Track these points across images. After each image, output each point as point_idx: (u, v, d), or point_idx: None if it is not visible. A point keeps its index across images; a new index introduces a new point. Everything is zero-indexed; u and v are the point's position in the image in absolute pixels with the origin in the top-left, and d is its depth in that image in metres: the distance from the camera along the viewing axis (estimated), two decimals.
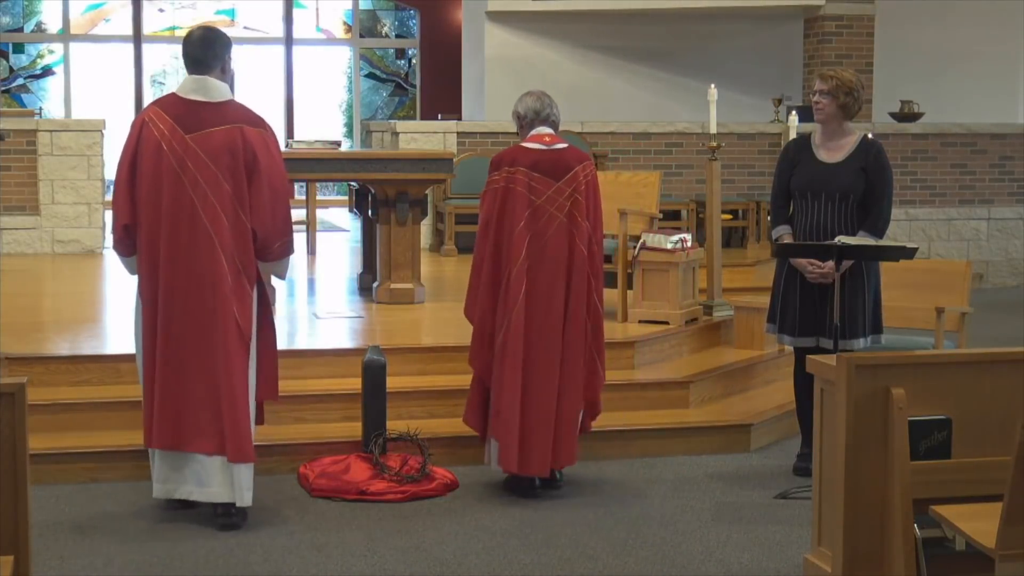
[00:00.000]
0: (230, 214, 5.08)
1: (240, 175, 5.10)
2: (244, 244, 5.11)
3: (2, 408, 3.62)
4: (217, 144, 5.08)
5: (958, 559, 4.07)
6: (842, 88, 5.91)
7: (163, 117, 5.12)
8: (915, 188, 12.33)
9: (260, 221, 5.13)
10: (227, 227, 5.07)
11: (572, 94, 13.23)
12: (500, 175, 5.66)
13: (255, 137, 5.15)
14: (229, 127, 5.11)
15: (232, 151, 5.09)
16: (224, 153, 5.08)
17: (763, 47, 13.99)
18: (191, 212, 5.05)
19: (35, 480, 4.52)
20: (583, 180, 5.66)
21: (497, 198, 5.64)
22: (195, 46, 5.22)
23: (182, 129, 5.08)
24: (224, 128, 5.11)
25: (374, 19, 18.17)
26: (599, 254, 5.76)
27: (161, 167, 5.07)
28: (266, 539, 5.08)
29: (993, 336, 8.69)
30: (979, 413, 4.21)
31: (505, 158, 5.71)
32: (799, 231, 6.01)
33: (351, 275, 9.64)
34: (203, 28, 5.40)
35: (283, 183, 5.22)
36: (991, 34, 14.08)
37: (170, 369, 5.10)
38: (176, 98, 5.19)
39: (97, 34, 17.37)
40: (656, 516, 5.44)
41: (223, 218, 5.07)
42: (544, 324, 5.56)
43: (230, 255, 5.08)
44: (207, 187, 5.06)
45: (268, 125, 5.28)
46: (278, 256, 5.24)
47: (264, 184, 5.12)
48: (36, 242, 11.02)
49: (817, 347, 5.80)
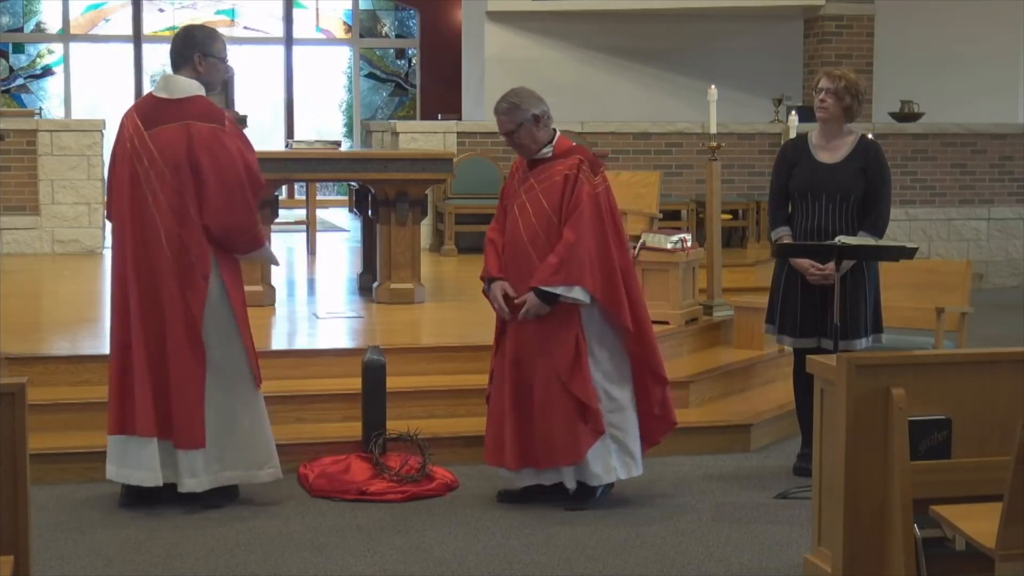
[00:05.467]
0: (176, 208, 5.16)
1: (184, 171, 5.16)
2: (193, 238, 5.17)
3: (2, 408, 3.62)
4: (165, 140, 5.19)
5: (958, 559, 4.07)
6: (849, 89, 5.91)
7: (132, 116, 5.31)
8: (915, 188, 12.33)
9: (211, 217, 5.19)
10: (173, 221, 5.16)
11: (572, 94, 13.24)
12: (603, 176, 5.47)
13: (202, 133, 5.19)
14: (179, 123, 5.20)
15: (176, 146, 5.17)
16: (169, 148, 5.17)
17: (763, 47, 14.00)
18: (144, 206, 5.19)
19: (35, 480, 4.51)
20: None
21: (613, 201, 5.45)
22: (171, 46, 5.41)
23: (144, 126, 5.24)
24: (175, 124, 5.20)
25: (374, 19, 18.17)
26: None
27: (126, 164, 5.26)
28: (266, 539, 5.08)
29: (993, 336, 8.69)
30: (979, 413, 4.21)
31: (596, 160, 5.53)
32: (799, 232, 6.00)
33: (351, 275, 9.64)
34: (182, 28, 5.55)
35: (237, 178, 5.22)
36: (991, 34, 14.08)
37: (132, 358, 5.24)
38: (149, 97, 5.39)
39: (97, 34, 17.37)
40: (656, 516, 5.44)
41: (168, 212, 5.16)
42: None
43: (176, 248, 5.16)
44: (156, 182, 5.18)
45: (229, 120, 5.30)
46: (248, 249, 5.34)
47: (211, 180, 5.17)
48: (36, 242, 11.02)
49: (818, 348, 5.79)
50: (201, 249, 5.18)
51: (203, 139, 5.17)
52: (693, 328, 7.65)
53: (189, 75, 5.31)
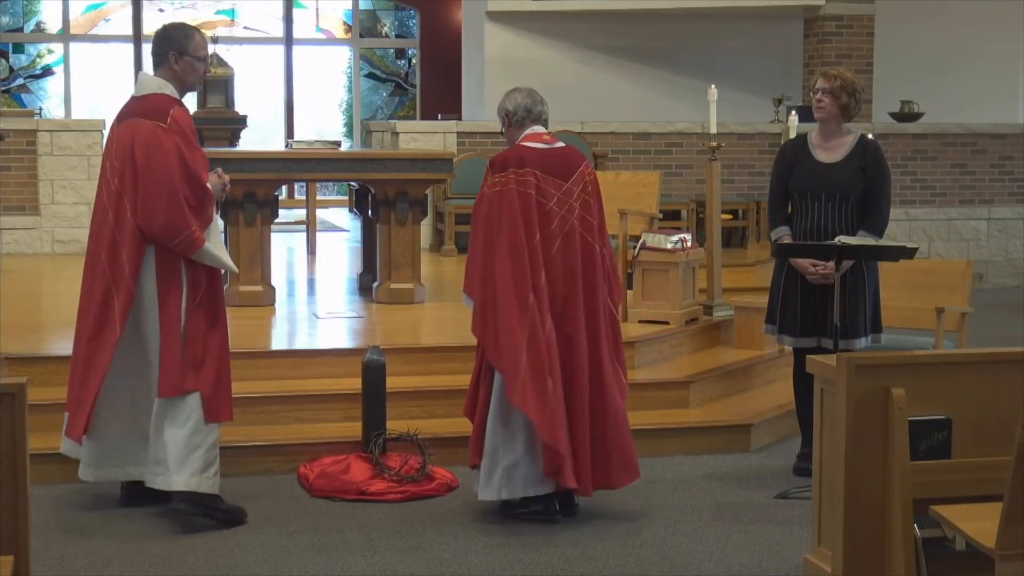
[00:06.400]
0: (114, 207, 5.09)
1: (128, 168, 5.08)
2: (125, 237, 5.06)
3: (2, 408, 3.62)
4: (118, 136, 5.15)
5: (958, 559, 4.07)
6: (845, 88, 5.91)
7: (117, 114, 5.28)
8: (915, 188, 12.33)
9: (140, 217, 5.05)
10: (111, 219, 5.08)
11: (572, 94, 13.24)
12: (507, 177, 5.20)
13: (143, 130, 5.07)
14: (129, 121, 5.14)
15: (123, 143, 5.10)
16: (118, 145, 5.12)
17: (763, 47, 14.00)
18: (101, 200, 5.17)
19: (35, 480, 4.51)
20: (590, 181, 5.34)
21: (504, 202, 5.18)
22: (151, 45, 5.38)
23: (115, 124, 5.22)
24: (126, 121, 5.15)
25: (374, 19, 18.17)
26: (610, 256, 5.42)
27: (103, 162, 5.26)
28: (266, 539, 5.08)
29: (993, 336, 8.69)
30: (979, 413, 4.21)
31: (511, 159, 5.24)
32: (799, 232, 6.00)
33: (351, 275, 9.64)
34: (160, 27, 5.44)
35: (170, 178, 5.01)
36: (991, 34, 14.09)
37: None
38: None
39: (97, 34, 17.36)
40: (656, 516, 5.44)
41: (109, 212, 5.11)
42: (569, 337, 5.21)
43: (110, 244, 5.08)
44: (109, 176, 5.13)
45: (172, 117, 5.07)
46: (186, 251, 5.06)
47: (143, 178, 5.04)
48: (36, 242, 11.02)
49: (818, 347, 5.79)
50: (132, 249, 5.04)
51: (142, 137, 5.05)
52: (693, 328, 7.65)
53: (165, 74, 5.20)
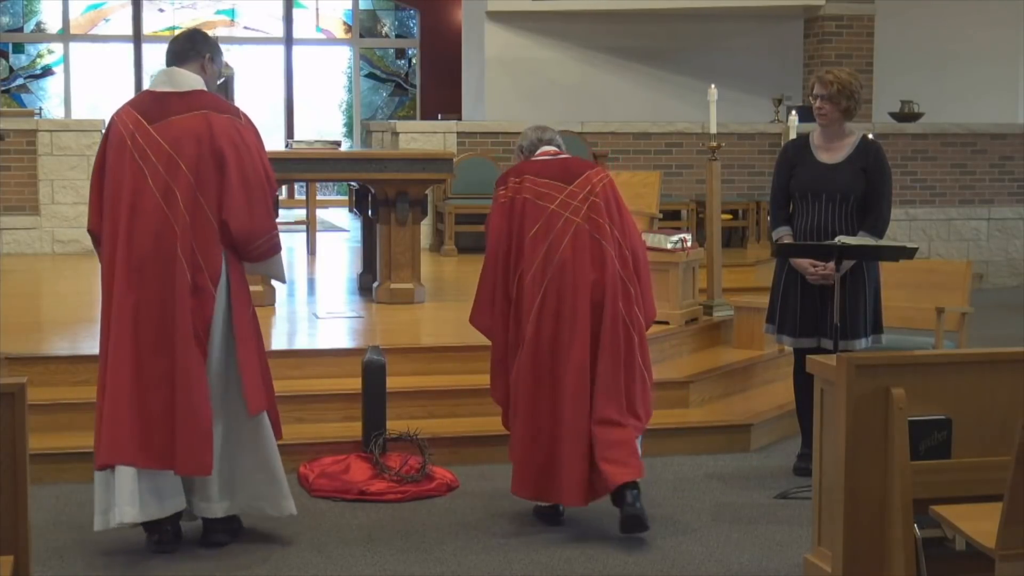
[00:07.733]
0: (190, 205, 4.73)
1: (206, 163, 4.75)
2: (206, 237, 4.75)
3: (2, 408, 3.62)
4: (179, 131, 4.77)
5: (958, 559, 4.07)
6: (843, 92, 5.89)
7: (130, 112, 4.88)
8: (915, 188, 12.33)
9: (232, 214, 4.76)
10: (185, 218, 4.72)
11: (572, 94, 13.25)
12: (506, 188, 5.29)
13: (223, 124, 4.81)
14: (194, 113, 4.80)
15: (197, 138, 4.76)
16: (186, 140, 4.76)
17: (763, 47, 13.99)
18: (153, 203, 4.73)
19: (35, 480, 4.50)
20: (599, 184, 5.33)
21: (505, 211, 5.24)
22: (177, 41, 5.03)
23: (146, 121, 4.81)
24: (189, 115, 4.79)
25: (374, 19, 18.17)
26: (640, 260, 5.35)
27: (124, 161, 4.80)
28: (266, 539, 5.08)
29: (993, 336, 8.69)
30: (979, 413, 4.21)
31: (511, 172, 5.35)
32: (799, 232, 6.00)
33: (351, 275, 9.64)
34: (191, 29, 5.26)
35: (258, 175, 4.83)
36: (991, 34, 14.08)
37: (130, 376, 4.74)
38: (146, 93, 4.97)
39: (97, 34, 17.36)
40: (656, 516, 5.43)
41: (181, 208, 4.71)
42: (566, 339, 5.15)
43: (188, 248, 4.72)
44: (167, 176, 4.73)
45: (243, 114, 4.93)
46: (262, 256, 4.89)
47: (235, 174, 4.76)
48: (36, 242, 11.02)
49: (818, 347, 5.79)
50: (213, 251, 4.74)
51: (224, 131, 4.78)
52: (693, 328, 7.65)
53: (195, 71, 4.96)
